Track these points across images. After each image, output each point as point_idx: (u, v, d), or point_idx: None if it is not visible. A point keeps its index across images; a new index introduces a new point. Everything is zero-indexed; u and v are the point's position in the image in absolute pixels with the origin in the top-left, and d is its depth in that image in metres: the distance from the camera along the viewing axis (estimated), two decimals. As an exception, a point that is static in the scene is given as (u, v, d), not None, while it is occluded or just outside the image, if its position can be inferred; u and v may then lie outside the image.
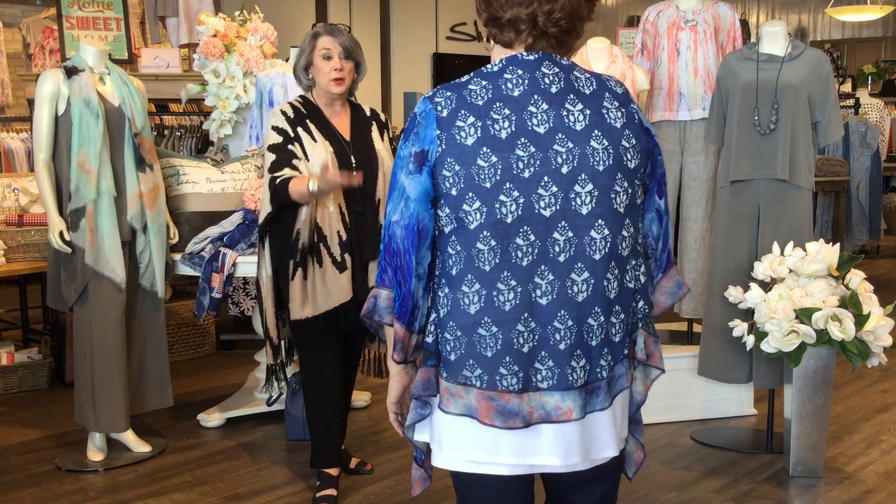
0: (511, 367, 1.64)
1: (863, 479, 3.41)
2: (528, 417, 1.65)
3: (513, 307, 1.63)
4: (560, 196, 1.62)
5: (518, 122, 1.63)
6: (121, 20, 5.02)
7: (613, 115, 1.67)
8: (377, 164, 3.15)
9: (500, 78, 1.66)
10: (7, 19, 7.82)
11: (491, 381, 1.65)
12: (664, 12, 4.26)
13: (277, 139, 3.07)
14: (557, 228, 1.63)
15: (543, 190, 1.61)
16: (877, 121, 8.42)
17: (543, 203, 1.62)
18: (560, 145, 1.62)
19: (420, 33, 9.49)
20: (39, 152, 3.41)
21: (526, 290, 1.63)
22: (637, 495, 3.27)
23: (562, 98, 1.65)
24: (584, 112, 1.64)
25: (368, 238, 3.13)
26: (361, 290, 3.13)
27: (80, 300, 3.46)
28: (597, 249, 1.64)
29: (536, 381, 1.66)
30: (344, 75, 3.10)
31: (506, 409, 1.65)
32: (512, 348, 1.64)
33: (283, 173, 3.01)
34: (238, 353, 5.24)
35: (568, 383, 1.65)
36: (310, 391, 3.20)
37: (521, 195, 1.61)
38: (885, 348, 3.23)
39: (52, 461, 3.61)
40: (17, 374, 4.52)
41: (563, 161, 1.62)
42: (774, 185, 3.61)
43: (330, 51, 3.08)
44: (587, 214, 1.63)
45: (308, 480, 3.37)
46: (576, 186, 1.62)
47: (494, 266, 1.63)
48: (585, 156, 1.63)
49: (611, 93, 1.69)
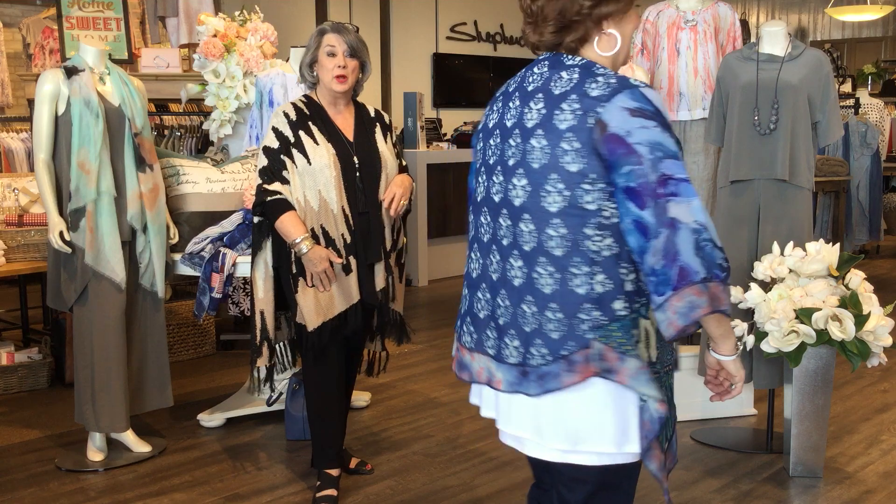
0: (469, 326, 1.90)
1: (863, 479, 3.41)
2: (476, 376, 1.89)
3: (477, 276, 1.88)
4: (504, 185, 1.79)
5: (500, 114, 1.83)
6: (121, 20, 5.02)
7: (564, 116, 1.69)
8: (380, 164, 3.14)
9: (519, 74, 1.85)
10: (7, 19, 7.81)
11: (458, 335, 1.95)
12: (664, 12, 4.26)
13: (274, 144, 3.08)
14: (502, 214, 1.80)
15: (496, 177, 1.82)
16: (877, 121, 8.42)
17: (494, 189, 1.82)
18: (513, 139, 1.77)
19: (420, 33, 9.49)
20: (39, 152, 3.41)
21: (484, 264, 1.85)
22: (637, 495, 3.26)
23: (531, 96, 1.76)
24: (540, 111, 1.73)
25: (373, 239, 3.13)
26: (367, 293, 3.13)
27: (80, 300, 3.46)
28: (525, 241, 1.76)
29: (486, 346, 1.85)
30: (347, 73, 3.09)
31: (461, 362, 1.94)
32: (472, 311, 1.89)
33: (274, 188, 3.04)
34: (238, 353, 5.24)
35: (502, 357, 1.81)
36: (312, 392, 3.20)
37: (485, 179, 1.85)
38: (885, 348, 3.23)
39: (52, 461, 3.60)
40: (17, 374, 4.51)
41: (511, 154, 1.77)
42: (774, 185, 3.61)
43: (334, 48, 3.08)
44: (518, 206, 1.76)
45: (308, 480, 3.37)
46: (513, 178, 1.77)
47: (470, 237, 1.92)
48: (526, 152, 1.74)
49: (580, 95, 1.69)
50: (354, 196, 3.09)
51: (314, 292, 3.06)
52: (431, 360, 5.11)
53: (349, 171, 3.08)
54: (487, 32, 10.06)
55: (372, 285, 3.14)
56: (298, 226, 3.02)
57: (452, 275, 7.70)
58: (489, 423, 4.00)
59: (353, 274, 3.10)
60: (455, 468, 3.53)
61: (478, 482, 3.39)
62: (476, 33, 10.00)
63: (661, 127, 1.68)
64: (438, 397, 4.42)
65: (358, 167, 3.10)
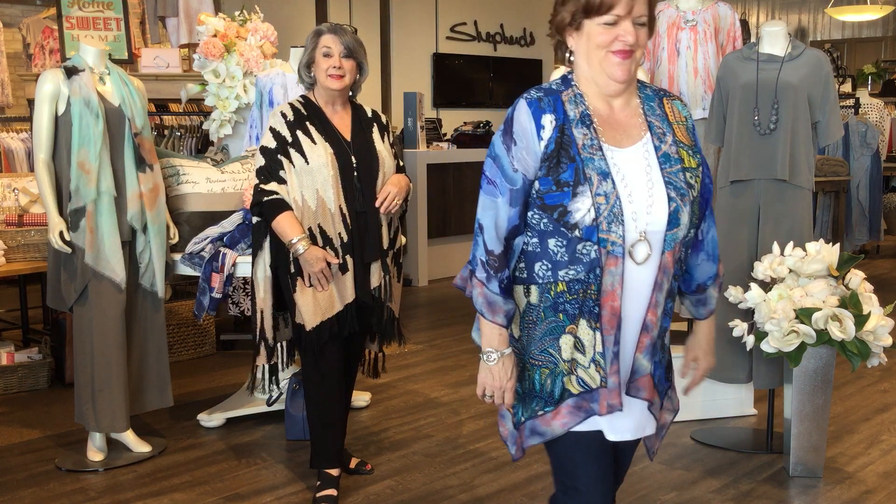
0: None
1: (863, 479, 3.41)
2: None
3: None
4: None
5: None
6: (121, 20, 5.02)
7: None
8: (378, 164, 3.15)
9: None
10: (7, 19, 7.81)
11: None
12: (664, 12, 4.26)
13: (271, 144, 3.09)
14: None
15: None
16: (877, 121, 8.42)
17: None
18: None
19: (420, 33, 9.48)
20: (39, 152, 3.41)
21: None
22: (637, 495, 3.27)
23: None
24: None
25: (370, 238, 3.13)
26: (363, 292, 3.14)
27: (80, 300, 3.46)
28: None
29: None
30: (343, 73, 3.10)
31: None
32: None
33: (270, 188, 3.05)
34: (238, 353, 5.24)
35: None
36: (312, 392, 3.20)
37: None
38: (885, 348, 3.23)
39: (52, 461, 3.60)
40: (17, 374, 4.51)
41: None
42: (774, 185, 3.61)
43: (331, 49, 3.09)
44: None
45: (308, 480, 3.37)
46: None
47: None
48: None
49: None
50: (352, 195, 3.09)
51: (312, 292, 3.07)
52: (431, 360, 5.12)
53: (347, 170, 3.08)
54: (487, 32, 10.05)
55: (367, 284, 3.15)
56: (295, 226, 3.03)
57: (452, 275, 7.70)
58: (489, 422, 4.02)
59: (350, 273, 3.10)
60: (455, 468, 3.53)
61: (478, 482, 3.39)
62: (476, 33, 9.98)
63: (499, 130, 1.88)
64: (438, 397, 4.42)
65: (355, 167, 3.10)
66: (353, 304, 3.11)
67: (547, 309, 1.84)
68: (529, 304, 1.86)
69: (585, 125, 1.80)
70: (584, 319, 1.81)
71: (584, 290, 1.79)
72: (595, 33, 1.77)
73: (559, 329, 1.83)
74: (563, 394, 1.85)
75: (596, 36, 1.77)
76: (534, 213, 1.82)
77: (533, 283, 1.84)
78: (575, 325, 1.81)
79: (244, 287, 5.00)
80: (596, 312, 1.80)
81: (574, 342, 1.82)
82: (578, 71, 1.85)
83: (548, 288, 1.82)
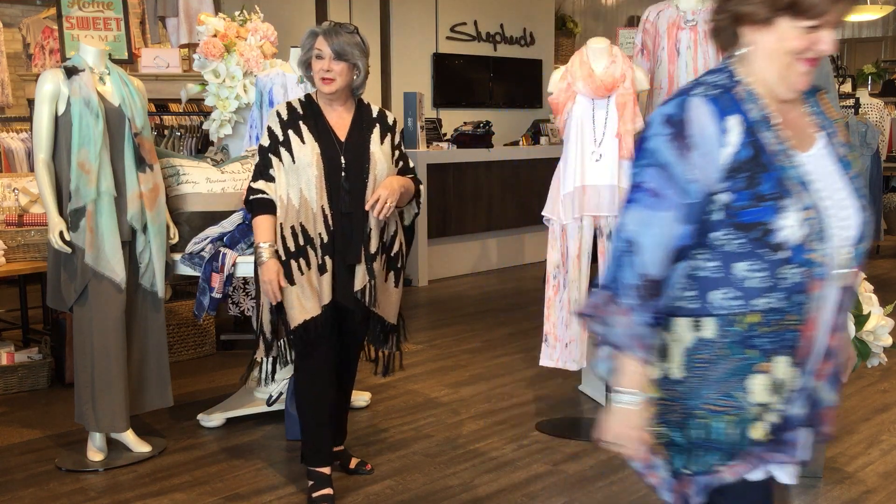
0: None
1: (863, 479, 3.41)
2: None
3: None
4: None
5: None
6: (121, 20, 5.01)
7: None
8: (368, 166, 3.11)
9: None
10: (7, 19, 7.81)
11: None
12: (664, 12, 4.26)
13: (266, 142, 3.13)
14: None
15: None
16: (877, 121, 8.42)
17: None
18: None
19: (420, 33, 9.48)
20: (39, 152, 3.41)
21: None
22: (637, 495, 3.27)
23: None
24: None
25: (354, 241, 3.10)
26: (344, 295, 3.10)
27: (80, 300, 3.46)
28: None
29: None
30: (333, 76, 3.07)
31: None
32: None
33: (258, 186, 3.11)
34: (238, 353, 5.24)
35: None
36: (302, 391, 3.20)
37: None
38: (885, 348, 3.23)
39: (52, 461, 3.60)
40: (17, 374, 4.51)
41: None
42: (775, 185, 3.60)
43: (322, 51, 3.07)
44: None
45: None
46: None
47: None
48: None
49: None
50: (337, 196, 3.07)
51: (295, 292, 3.07)
52: (431, 360, 5.11)
53: (334, 170, 3.07)
54: (487, 32, 10.04)
55: (350, 287, 3.11)
56: (267, 231, 3.08)
57: (452, 275, 7.70)
58: (489, 422, 4.02)
59: (328, 275, 3.08)
60: (455, 468, 3.53)
61: (478, 482, 3.39)
62: (476, 33, 9.98)
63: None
64: (438, 397, 4.42)
65: (344, 167, 3.08)
66: (330, 305, 3.09)
67: (733, 345, 1.58)
68: (701, 340, 1.60)
69: (768, 128, 1.57)
70: (782, 355, 1.58)
71: (781, 320, 1.56)
72: (790, 36, 1.55)
73: (746, 368, 1.59)
74: (748, 442, 1.61)
75: (790, 39, 1.55)
76: (723, 232, 1.56)
77: (708, 314, 1.59)
78: (769, 363, 1.58)
79: (244, 287, 5.00)
80: (795, 346, 1.57)
81: (770, 383, 1.59)
82: (752, 66, 1.61)
83: (733, 320, 1.57)
